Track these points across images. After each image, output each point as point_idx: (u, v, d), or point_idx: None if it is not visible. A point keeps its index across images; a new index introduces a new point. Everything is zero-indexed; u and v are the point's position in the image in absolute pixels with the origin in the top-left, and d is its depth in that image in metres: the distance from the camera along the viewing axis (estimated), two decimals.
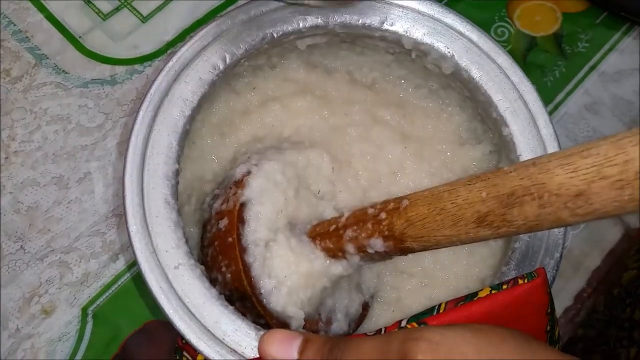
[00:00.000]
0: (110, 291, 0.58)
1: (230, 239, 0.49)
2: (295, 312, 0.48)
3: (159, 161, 0.48)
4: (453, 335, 0.35)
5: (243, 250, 0.49)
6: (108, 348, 0.56)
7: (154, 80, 0.51)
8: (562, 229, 0.50)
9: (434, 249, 0.43)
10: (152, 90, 0.50)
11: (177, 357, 0.43)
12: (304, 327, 0.49)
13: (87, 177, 0.62)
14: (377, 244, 0.45)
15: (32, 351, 0.55)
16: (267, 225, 0.50)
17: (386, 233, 0.45)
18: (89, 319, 0.57)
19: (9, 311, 0.56)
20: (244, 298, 0.48)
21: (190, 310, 0.44)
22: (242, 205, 0.50)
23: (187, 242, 0.47)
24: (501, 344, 0.34)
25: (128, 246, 0.59)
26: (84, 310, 0.57)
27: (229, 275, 0.49)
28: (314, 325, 0.51)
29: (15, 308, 0.56)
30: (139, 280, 0.58)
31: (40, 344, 0.56)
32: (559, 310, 0.59)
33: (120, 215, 0.60)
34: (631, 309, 0.68)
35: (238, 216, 0.50)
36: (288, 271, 0.49)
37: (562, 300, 0.62)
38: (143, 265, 0.45)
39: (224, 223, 0.50)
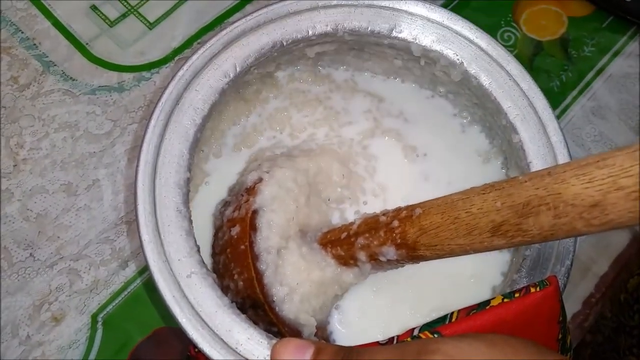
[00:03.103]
0: (119, 298, 0.58)
1: (242, 247, 0.49)
2: (307, 320, 0.48)
3: (170, 170, 0.48)
4: (467, 347, 0.35)
5: (255, 257, 0.49)
6: (118, 355, 0.56)
7: (165, 89, 0.51)
8: (570, 244, 0.50)
9: (447, 257, 0.43)
10: (163, 99, 0.50)
11: None
12: (315, 335, 0.49)
13: (96, 184, 0.62)
14: (390, 252, 0.45)
15: (42, 358, 0.55)
16: (279, 232, 0.50)
17: (399, 241, 0.45)
18: (99, 326, 0.57)
19: (19, 319, 0.56)
20: (256, 306, 0.48)
21: (202, 319, 0.44)
22: (254, 212, 0.50)
23: (198, 250, 0.47)
24: (515, 356, 0.34)
25: (138, 253, 0.59)
26: (94, 318, 0.57)
27: (241, 283, 0.49)
28: (325, 333, 0.52)
29: (25, 316, 0.56)
30: (149, 287, 0.58)
31: (50, 352, 0.56)
32: (567, 316, 0.59)
33: (129, 222, 0.60)
34: (639, 315, 0.68)
35: (250, 223, 0.50)
36: (300, 279, 0.49)
37: (571, 305, 0.62)
38: (156, 275, 0.45)
39: (235, 230, 0.50)
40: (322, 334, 0.51)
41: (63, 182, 0.62)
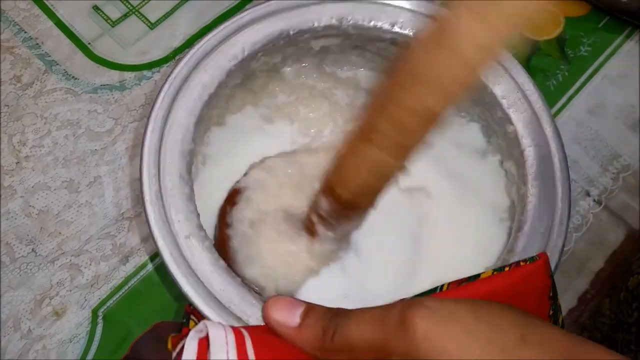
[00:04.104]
0: (120, 293, 0.58)
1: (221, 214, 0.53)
2: (266, 283, 0.50)
3: (176, 139, 0.50)
4: (453, 304, 0.36)
5: (227, 225, 0.52)
6: (118, 349, 0.56)
7: (174, 68, 0.53)
8: (564, 225, 0.51)
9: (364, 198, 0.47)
10: (173, 75, 0.52)
11: (185, 321, 0.44)
12: None
13: (97, 181, 0.62)
14: (322, 202, 0.48)
15: (43, 352, 0.56)
16: (255, 208, 0.52)
17: (324, 189, 0.48)
18: (99, 320, 0.57)
19: (20, 313, 0.57)
20: None
21: (198, 277, 0.46)
22: (236, 190, 0.53)
23: (198, 216, 0.48)
24: (500, 315, 0.35)
25: (138, 249, 0.59)
26: (95, 312, 0.57)
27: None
28: None
29: (26, 310, 0.57)
30: (149, 281, 0.59)
31: (51, 345, 0.56)
32: (563, 310, 0.59)
33: (130, 218, 0.61)
34: (638, 313, 0.68)
35: (229, 199, 0.53)
36: (267, 248, 0.51)
37: (567, 301, 0.62)
38: (156, 233, 0.46)
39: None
40: None
41: (65, 179, 0.62)
